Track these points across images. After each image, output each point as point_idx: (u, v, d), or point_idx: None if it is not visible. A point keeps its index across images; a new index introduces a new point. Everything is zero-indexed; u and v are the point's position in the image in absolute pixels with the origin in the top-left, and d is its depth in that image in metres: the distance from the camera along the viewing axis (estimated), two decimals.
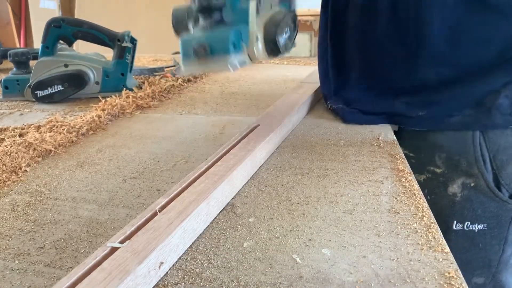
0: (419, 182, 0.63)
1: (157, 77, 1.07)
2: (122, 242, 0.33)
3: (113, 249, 0.32)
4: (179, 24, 0.50)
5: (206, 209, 0.40)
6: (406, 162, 0.54)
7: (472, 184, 0.63)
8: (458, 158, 0.63)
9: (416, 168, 0.64)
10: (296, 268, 0.34)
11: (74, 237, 0.39)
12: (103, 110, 0.77)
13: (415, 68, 0.63)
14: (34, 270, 0.35)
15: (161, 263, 0.33)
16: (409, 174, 0.50)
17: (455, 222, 0.64)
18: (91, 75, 0.89)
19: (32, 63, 0.92)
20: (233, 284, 0.32)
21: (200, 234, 0.39)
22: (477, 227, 0.64)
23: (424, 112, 0.63)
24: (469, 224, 0.64)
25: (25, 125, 0.69)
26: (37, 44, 2.43)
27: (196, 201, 0.39)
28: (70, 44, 0.93)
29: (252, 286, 0.32)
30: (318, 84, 0.85)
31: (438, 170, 0.65)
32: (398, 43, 0.63)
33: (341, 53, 0.74)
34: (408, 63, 0.64)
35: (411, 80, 0.64)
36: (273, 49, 0.53)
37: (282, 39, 0.53)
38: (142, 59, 1.47)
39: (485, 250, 0.64)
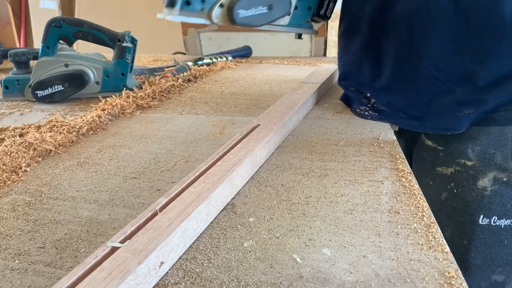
0: (444, 175, 0.66)
1: (157, 77, 1.07)
2: (122, 242, 0.33)
3: (114, 249, 0.32)
4: None
5: (206, 209, 0.40)
6: (406, 162, 0.54)
7: (505, 179, 0.62)
8: (493, 152, 0.62)
9: (443, 161, 0.65)
10: (296, 268, 0.34)
11: (75, 236, 0.39)
12: (103, 110, 0.77)
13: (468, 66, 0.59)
14: (34, 269, 0.35)
15: (162, 262, 0.33)
16: (409, 174, 0.50)
17: (481, 216, 0.63)
18: (91, 75, 0.89)
19: (32, 63, 0.92)
20: (233, 284, 0.32)
21: (200, 234, 0.39)
22: (504, 222, 0.63)
23: (472, 110, 0.61)
24: (496, 219, 0.63)
25: (25, 125, 0.69)
26: (37, 44, 2.43)
27: (196, 201, 0.39)
28: (70, 44, 0.93)
29: (252, 285, 0.32)
30: (318, 84, 0.85)
31: (469, 163, 0.63)
32: (461, 39, 0.58)
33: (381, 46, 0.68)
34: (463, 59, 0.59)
35: (462, 79, 0.60)
36: (230, 18, 0.54)
37: (243, 11, 0.54)
38: (142, 59, 1.47)
39: (510, 247, 0.63)
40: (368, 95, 0.71)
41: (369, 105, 0.71)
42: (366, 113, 0.71)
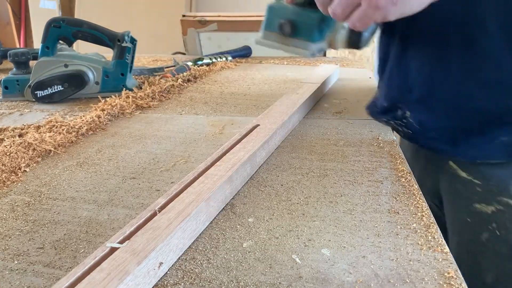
0: (485, 213, 0.56)
1: (157, 77, 1.07)
2: (121, 242, 0.33)
3: (113, 249, 0.32)
4: None
5: (206, 209, 0.40)
6: (406, 162, 0.54)
7: None
8: None
9: (482, 197, 0.56)
10: (295, 268, 0.34)
11: (74, 237, 0.39)
12: (103, 110, 0.76)
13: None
14: (33, 270, 0.35)
15: (161, 263, 0.33)
16: (408, 174, 0.50)
17: None
18: (91, 75, 0.89)
19: (32, 63, 0.92)
20: (233, 284, 0.32)
21: (200, 234, 0.39)
22: None
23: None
24: None
25: (25, 125, 0.69)
26: (37, 44, 2.43)
27: (196, 201, 0.39)
28: (70, 44, 0.93)
29: (251, 286, 0.32)
30: (318, 84, 0.85)
31: None
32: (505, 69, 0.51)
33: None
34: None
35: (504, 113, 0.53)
36: (356, 41, 0.50)
37: (367, 33, 0.50)
38: (142, 59, 1.47)
39: None
40: (403, 107, 0.62)
41: (404, 120, 0.62)
42: (400, 128, 0.63)
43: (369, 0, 0.41)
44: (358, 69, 1.22)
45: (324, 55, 1.66)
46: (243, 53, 1.48)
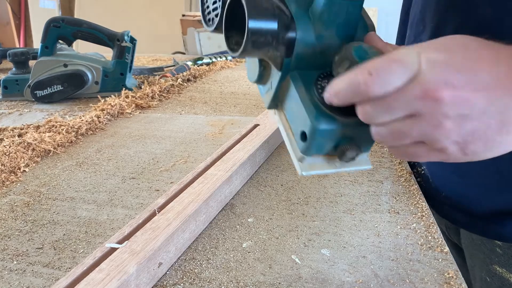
0: (505, 279, 0.49)
1: (157, 77, 1.07)
2: (120, 242, 0.33)
3: (112, 250, 0.32)
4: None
5: (205, 209, 0.40)
6: (406, 162, 0.54)
7: None
8: None
9: (503, 262, 0.49)
10: (295, 269, 0.34)
11: (73, 237, 0.39)
12: (102, 110, 0.76)
13: None
14: (32, 270, 0.34)
15: (160, 263, 0.33)
16: (408, 174, 0.50)
17: None
18: (90, 75, 0.89)
19: (31, 63, 0.92)
20: (232, 285, 0.32)
21: (199, 234, 0.39)
22: None
23: None
24: None
25: (24, 125, 0.69)
26: (37, 44, 2.43)
27: (195, 202, 0.39)
28: (69, 44, 0.93)
29: (251, 286, 0.32)
30: None
31: None
32: None
33: None
34: None
35: None
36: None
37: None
38: (141, 59, 1.47)
39: None
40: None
41: (424, 167, 0.54)
42: (418, 179, 0.54)
43: (433, 142, 0.28)
44: None
45: None
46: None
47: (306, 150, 0.31)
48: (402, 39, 0.58)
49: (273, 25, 0.29)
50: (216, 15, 0.34)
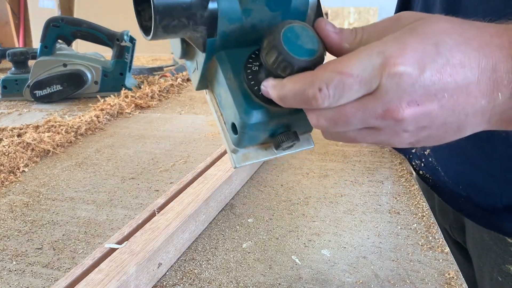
0: None
1: (157, 77, 1.06)
2: (120, 243, 0.33)
3: (111, 250, 0.32)
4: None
5: (205, 209, 0.40)
6: (407, 162, 0.54)
7: None
8: None
9: None
10: (295, 269, 0.34)
11: (72, 237, 0.39)
12: (102, 110, 0.76)
13: None
14: (31, 271, 0.34)
15: (160, 264, 0.33)
16: (409, 174, 0.50)
17: None
18: (90, 75, 0.89)
19: (31, 62, 0.92)
20: (232, 285, 0.32)
21: (199, 235, 0.39)
22: None
23: None
24: None
25: (24, 125, 0.69)
26: (36, 43, 2.42)
27: (195, 202, 0.39)
28: (69, 43, 0.93)
29: (251, 287, 0.32)
30: None
31: None
32: None
33: None
34: None
35: None
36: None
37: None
38: (141, 59, 1.47)
39: None
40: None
41: (423, 160, 0.52)
42: (421, 171, 0.53)
43: (390, 129, 0.25)
44: None
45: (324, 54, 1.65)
46: None
47: (238, 143, 0.27)
48: None
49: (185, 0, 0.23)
50: None
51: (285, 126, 0.27)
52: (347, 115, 0.24)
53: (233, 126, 0.27)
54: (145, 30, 0.25)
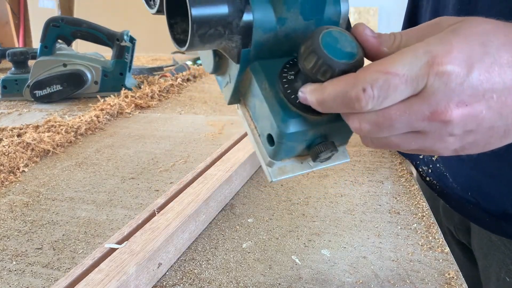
0: None
1: (156, 77, 1.06)
2: (120, 243, 0.33)
3: (111, 250, 0.32)
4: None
5: (205, 209, 0.40)
6: (407, 162, 0.54)
7: None
8: None
9: None
10: (295, 269, 0.34)
11: (72, 237, 0.39)
12: (102, 110, 0.76)
13: None
14: (31, 271, 0.34)
15: (160, 264, 0.33)
16: (409, 175, 0.50)
17: None
18: (90, 75, 0.89)
19: (30, 62, 0.92)
20: (232, 285, 0.32)
21: (199, 235, 0.39)
22: None
23: None
24: None
25: (24, 125, 0.69)
26: (36, 43, 2.42)
27: (195, 202, 0.39)
28: (69, 43, 0.93)
29: (251, 287, 0.32)
30: None
31: None
32: None
33: None
34: None
35: None
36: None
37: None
38: (141, 59, 1.46)
39: None
40: None
41: (431, 166, 0.51)
42: (428, 178, 0.52)
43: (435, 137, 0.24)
44: None
45: None
46: None
47: (274, 155, 0.27)
48: None
49: (223, 9, 0.23)
50: None
51: (322, 137, 0.27)
52: (392, 118, 0.23)
53: (269, 137, 0.26)
54: (178, 42, 0.25)
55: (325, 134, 0.26)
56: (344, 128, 0.26)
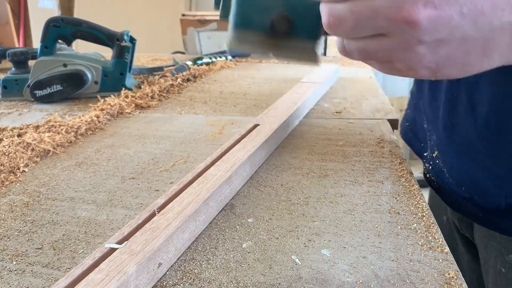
0: None
1: (157, 77, 1.06)
2: (120, 242, 0.33)
3: (111, 250, 0.32)
4: None
5: (205, 209, 0.40)
6: (407, 162, 0.54)
7: None
8: None
9: None
10: (295, 269, 0.34)
11: (72, 237, 0.39)
12: (102, 110, 0.76)
13: None
14: (32, 271, 0.34)
15: (160, 264, 0.33)
16: (409, 174, 0.50)
17: None
18: (90, 75, 0.89)
19: (31, 62, 0.92)
20: (232, 285, 0.32)
21: (199, 235, 0.39)
22: None
23: None
24: None
25: (24, 125, 0.69)
26: (36, 43, 2.42)
27: (195, 202, 0.39)
28: (69, 43, 0.93)
29: (251, 287, 0.32)
30: (318, 84, 0.85)
31: None
32: None
33: None
34: None
35: None
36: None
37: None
38: (141, 59, 1.46)
39: None
40: (431, 143, 0.50)
41: (432, 162, 0.52)
42: (428, 175, 0.53)
43: (404, 47, 0.23)
44: (358, 69, 1.22)
45: (324, 54, 1.66)
46: (243, 52, 1.47)
47: (233, 21, 0.28)
48: None
49: None
50: None
51: (284, 17, 0.28)
52: (355, 12, 0.22)
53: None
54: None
55: (289, 12, 0.27)
56: (311, 13, 0.26)
